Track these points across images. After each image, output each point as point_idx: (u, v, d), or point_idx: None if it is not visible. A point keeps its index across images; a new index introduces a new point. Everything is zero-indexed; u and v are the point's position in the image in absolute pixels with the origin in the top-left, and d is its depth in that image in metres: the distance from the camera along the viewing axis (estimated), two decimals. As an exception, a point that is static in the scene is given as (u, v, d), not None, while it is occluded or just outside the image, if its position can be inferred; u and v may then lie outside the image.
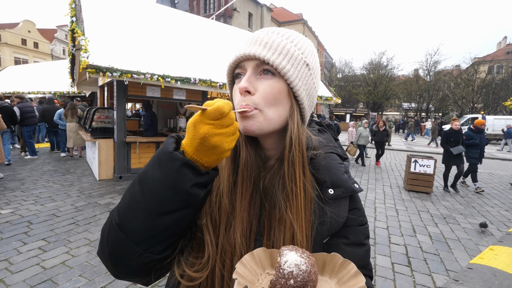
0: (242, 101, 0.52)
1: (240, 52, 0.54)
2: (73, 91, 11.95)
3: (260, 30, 0.57)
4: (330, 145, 0.63)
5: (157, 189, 0.43)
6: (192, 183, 0.43)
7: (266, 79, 0.53)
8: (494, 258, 3.15)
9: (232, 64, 0.56)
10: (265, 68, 0.53)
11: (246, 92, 0.52)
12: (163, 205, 0.43)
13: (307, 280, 0.40)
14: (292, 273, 0.39)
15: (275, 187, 0.55)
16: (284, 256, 0.41)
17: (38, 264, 2.68)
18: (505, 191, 6.55)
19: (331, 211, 0.55)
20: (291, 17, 39.07)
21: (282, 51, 0.52)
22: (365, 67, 33.32)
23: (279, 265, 0.41)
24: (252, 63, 0.53)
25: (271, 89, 0.52)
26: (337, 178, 0.57)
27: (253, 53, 0.51)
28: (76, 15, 5.37)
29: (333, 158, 0.61)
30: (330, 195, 0.55)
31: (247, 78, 0.52)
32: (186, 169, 0.43)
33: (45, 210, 4.05)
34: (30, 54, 37.06)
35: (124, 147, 5.87)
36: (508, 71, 27.94)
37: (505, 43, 42.56)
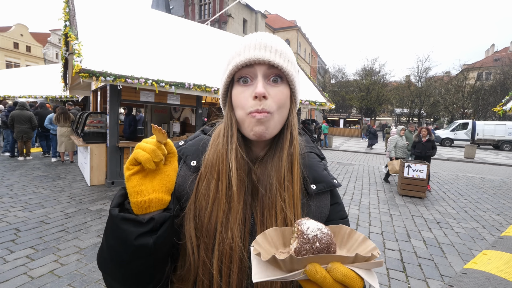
0: (257, 105, 0.54)
1: (251, 55, 0.54)
2: (65, 96, 11.79)
3: (259, 35, 0.58)
4: (309, 145, 0.69)
5: (112, 243, 0.47)
6: (135, 236, 0.45)
7: (276, 86, 0.56)
8: (488, 263, 3.17)
9: (239, 66, 0.55)
10: (275, 74, 0.56)
11: (263, 97, 0.54)
12: (120, 257, 0.47)
13: (330, 242, 0.41)
14: (317, 236, 0.40)
15: (269, 178, 0.58)
16: (304, 225, 0.42)
17: (25, 273, 2.59)
18: (496, 196, 6.64)
19: (314, 206, 0.61)
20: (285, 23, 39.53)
21: (289, 59, 0.58)
22: (358, 73, 33.78)
23: (301, 232, 0.41)
24: (262, 68, 0.55)
25: (281, 95, 0.57)
26: (318, 174, 0.63)
27: (268, 59, 0.54)
28: (70, 19, 5.33)
29: (312, 157, 0.67)
30: (313, 190, 0.61)
31: (262, 84, 0.54)
32: (125, 224, 0.45)
33: (33, 217, 3.94)
34: (22, 57, 36.55)
35: (117, 152, 5.79)
36: (496, 77, 28.66)
37: (493, 51, 43.76)
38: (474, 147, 14.35)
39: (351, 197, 5.88)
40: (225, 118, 0.62)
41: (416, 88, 31.23)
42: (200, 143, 0.65)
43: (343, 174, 8.51)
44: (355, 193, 6.27)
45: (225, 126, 0.60)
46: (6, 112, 8.41)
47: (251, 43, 0.56)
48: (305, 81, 10.68)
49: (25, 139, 7.73)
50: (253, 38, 0.58)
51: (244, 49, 0.56)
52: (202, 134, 0.69)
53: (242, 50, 0.56)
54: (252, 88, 0.56)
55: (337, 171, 9.00)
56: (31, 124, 7.73)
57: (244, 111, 0.56)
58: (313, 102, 9.32)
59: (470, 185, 7.79)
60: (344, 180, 7.62)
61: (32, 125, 7.75)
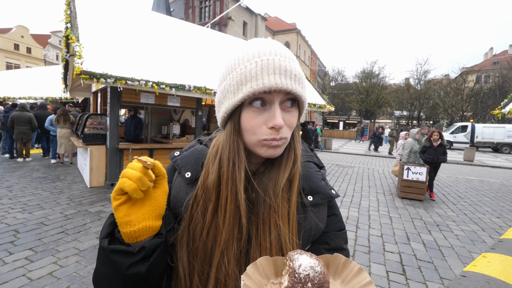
0: (274, 135, 0.52)
1: (272, 83, 0.50)
2: (65, 97, 11.80)
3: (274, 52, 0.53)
4: (307, 154, 0.67)
5: (104, 271, 0.47)
6: (126, 266, 0.45)
7: (291, 111, 0.55)
8: (487, 266, 3.17)
9: (256, 92, 0.51)
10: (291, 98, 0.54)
11: (280, 128, 0.52)
12: (114, 284, 0.47)
13: (323, 281, 0.39)
14: (309, 276, 0.39)
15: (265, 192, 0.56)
16: (296, 261, 0.40)
17: (24, 275, 2.58)
18: (495, 198, 6.65)
19: (311, 218, 0.59)
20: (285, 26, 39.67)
21: (304, 83, 0.56)
22: (358, 75, 33.84)
23: (293, 270, 0.40)
24: (280, 96, 0.52)
25: (295, 120, 0.56)
26: (315, 185, 0.61)
27: (290, 88, 0.51)
28: (71, 21, 5.35)
29: (310, 166, 0.65)
30: (309, 201, 0.59)
31: (280, 114, 0.52)
32: (116, 256, 0.45)
33: (33, 218, 3.93)
34: (22, 59, 36.60)
35: (116, 154, 5.79)
36: (495, 80, 28.75)
37: (492, 54, 43.96)
38: (473, 150, 14.37)
39: (351, 200, 5.88)
40: (229, 140, 0.56)
41: (415, 90, 31.31)
42: (195, 153, 0.63)
43: (343, 176, 8.51)
44: (354, 195, 6.27)
45: (231, 151, 0.55)
46: (4, 113, 8.40)
47: (269, 65, 0.51)
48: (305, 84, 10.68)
49: (25, 141, 7.72)
50: (269, 56, 0.52)
51: (262, 72, 0.50)
52: (198, 144, 0.66)
53: (260, 73, 0.50)
54: (266, 114, 0.52)
55: (336, 173, 9.00)
56: (31, 126, 7.73)
57: (256, 137, 0.53)
58: (312, 105, 9.34)
59: (470, 187, 7.80)
60: (344, 182, 7.62)
61: (32, 126, 7.75)
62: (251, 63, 0.51)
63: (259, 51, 0.52)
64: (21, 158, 7.91)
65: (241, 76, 0.52)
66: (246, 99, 0.52)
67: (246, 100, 0.53)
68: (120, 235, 0.47)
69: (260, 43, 0.55)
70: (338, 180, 7.91)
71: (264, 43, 0.55)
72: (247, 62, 0.52)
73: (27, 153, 7.97)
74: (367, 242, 3.80)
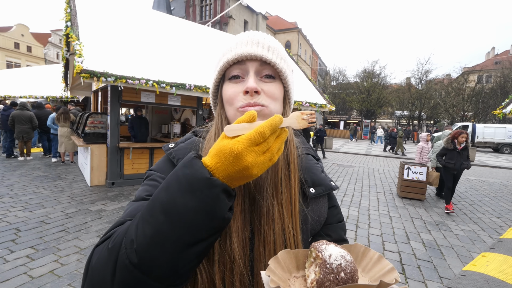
0: (249, 99, 0.52)
1: (243, 50, 0.53)
2: (66, 96, 11.82)
3: (251, 32, 0.58)
4: (305, 146, 0.67)
5: (191, 217, 0.39)
6: (227, 208, 0.41)
7: (268, 82, 0.55)
8: (486, 265, 3.18)
9: (230, 62, 0.54)
10: (267, 74, 0.55)
11: (255, 93, 0.52)
12: (197, 234, 0.39)
13: (354, 270, 0.38)
14: (341, 265, 0.37)
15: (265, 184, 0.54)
16: (325, 251, 0.39)
17: (25, 273, 2.60)
18: (495, 198, 6.65)
19: (312, 210, 0.59)
20: (286, 25, 39.61)
21: (282, 56, 0.56)
22: (359, 75, 33.84)
23: (323, 261, 0.38)
24: (255, 64, 0.54)
25: (274, 90, 0.55)
26: (317, 177, 0.62)
27: (260, 54, 0.53)
28: (71, 20, 5.36)
29: (309, 158, 0.65)
30: (312, 193, 0.59)
31: (254, 79, 0.53)
32: (224, 195, 0.40)
33: (34, 217, 3.95)
34: (23, 58, 36.64)
35: (117, 153, 5.80)
36: (496, 80, 28.69)
37: (493, 54, 43.86)
38: (474, 150, 14.36)
39: (351, 199, 5.89)
40: (216, 117, 0.59)
41: (416, 90, 31.27)
42: (192, 145, 0.62)
43: (343, 176, 8.52)
44: (355, 195, 6.27)
45: (216, 126, 0.58)
46: (2, 112, 8.39)
47: (243, 39, 0.55)
48: (306, 83, 10.70)
49: (25, 139, 7.74)
50: (245, 35, 0.57)
51: (236, 46, 0.55)
52: (194, 136, 0.66)
53: (234, 47, 0.55)
54: (243, 84, 0.54)
55: (337, 172, 9.00)
56: (32, 124, 7.75)
57: (234, 106, 0.54)
58: (313, 104, 9.34)
59: (470, 187, 7.80)
60: (344, 182, 7.63)
61: (32, 125, 7.77)
62: (230, 42, 0.57)
63: (241, 35, 0.58)
64: (22, 157, 7.93)
65: (220, 54, 0.57)
66: (226, 74, 0.56)
67: (226, 76, 0.57)
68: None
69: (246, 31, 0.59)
70: (338, 179, 7.92)
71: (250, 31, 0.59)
72: (228, 43, 0.57)
73: (28, 152, 7.99)
74: (367, 241, 3.81)
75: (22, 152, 7.92)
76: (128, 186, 5.87)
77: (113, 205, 4.61)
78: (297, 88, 9.62)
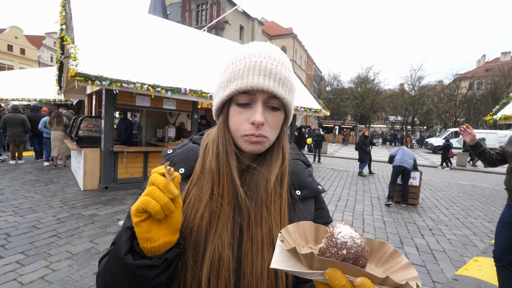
0: (254, 130, 0.55)
1: (255, 83, 0.54)
2: (59, 99, 11.70)
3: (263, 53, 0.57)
4: (295, 152, 0.71)
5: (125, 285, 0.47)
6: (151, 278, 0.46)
7: (274, 112, 0.58)
8: (478, 269, 3.21)
9: (240, 90, 0.55)
10: (274, 106, 0.57)
11: (261, 125, 0.55)
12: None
13: (359, 254, 0.38)
14: (346, 243, 0.38)
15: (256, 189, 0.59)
16: (337, 228, 0.40)
17: (15, 279, 2.54)
18: (487, 203, 6.74)
19: (300, 212, 0.62)
20: (281, 31, 40.02)
21: (290, 87, 0.58)
22: (353, 80, 34.27)
23: (332, 234, 0.39)
24: (264, 96, 0.56)
25: (277, 121, 0.59)
26: (303, 180, 0.65)
27: (272, 90, 0.54)
28: (66, 23, 5.34)
29: (298, 163, 0.69)
30: (298, 195, 0.63)
31: (261, 112, 0.55)
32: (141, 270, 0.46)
33: (25, 221, 3.87)
34: (16, 60, 36.22)
35: (111, 157, 5.75)
36: (487, 87, 29.32)
37: (484, 61, 44.85)
38: (466, 155, 14.58)
39: (345, 204, 5.92)
40: (220, 131, 0.61)
41: (409, 96, 31.76)
42: (188, 151, 0.65)
43: (338, 180, 8.56)
44: (349, 199, 6.30)
45: (222, 140, 0.60)
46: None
47: (255, 65, 0.55)
48: (301, 88, 10.79)
49: (17, 143, 7.63)
50: (258, 58, 0.56)
51: (248, 72, 0.55)
52: (191, 143, 0.69)
53: (246, 73, 0.55)
54: (250, 112, 0.56)
55: (331, 177, 9.04)
56: (24, 128, 7.64)
57: (239, 132, 0.57)
58: (308, 109, 9.41)
59: (462, 192, 7.90)
60: (339, 186, 7.66)
61: (25, 128, 7.66)
62: (241, 63, 0.56)
63: (250, 53, 0.57)
64: (14, 160, 7.80)
65: (231, 74, 0.57)
66: (233, 96, 0.57)
67: (233, 98, 0.58)
68: (140, 249, 0.48)
69: (256, 46, 0.59)
70: (333, 184, 7.95)
71: (259, 46, 0.59)
72: (238, 62, 0.57)
73: (19, 155, 7.86)
74: (361, 246, 3.81)
75: (13, 155, 7.79)
76: (121, 191, 5.81)
77: (106, 210, 4.56)
78: (292, 93, 9.67)
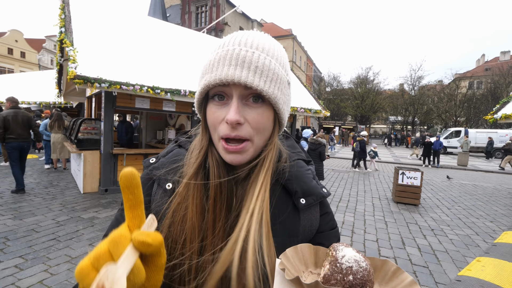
0: (230, 132, 0.47)
1: (223, 75, 0.46)
2: (59, 102, 11.71)
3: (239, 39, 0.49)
4: (295, 151, 0.63)
5: None
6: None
7: (255, 107, 0.49)
8: (481, 270, 3.18)
9: (210, 85, 0.48)
10: (255, 94, 0.48)
11: (237, 124, 0.47)
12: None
13: (366, 279, 0.36)
14: (352, 268, 0.36)
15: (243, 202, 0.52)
16: (340, 251, 0.38)
17: (13, 284, 2.52)
18: (489, 203, 6.71)
19: (304, 220, 0.56)
20: (280, 32, 40.06)
21: (273, 77, 0.48)
22: (353, 81, 34.25)
23: (335, 259, 0.37)
24: (238, 88, 0.47)
25: (261, 118, 0.49)
26: (307, 186, 0.57)
27: (244, 81, 0.45)
28: (66, 25, 5.34)
29: (300, 165, 0.60)
30: (303, 205, 0.55)
31: (236, 109, 0.46)
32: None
33: (24, 225, 3.85)
34: (16, 63, 36.32)
35: (111, 159, 5.73)
36: (487, 86, 29.32)
37: (484, 61, 44.84)
38: (467, 155, 14.55)
39: (347, 204, 5.89)
40: (200, 133, 0.56)
41: (409, 96, 31.73)
42: (177, 158, 0.57)
43: (338, 181, 8.53)
44: (350, 200, 6.28)
45: (200, 144, 0.54)
46: None
47: (226, 56, 0.47)
48: (301, 89, 10.78)
49: None
50: (231, 47, 0.48)
51: (218, 63, 0.47)
52: (177, 147, 0.61)
53: (216, 64, 0.47)
54: (226, 109, 0.48)
55: (332, 178, 9.02)
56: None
57: (217, 133, 0.50)
58: (308, 110, 9.40)
59: (463, 192, 7.87)
60: (340, 187, 7.64)
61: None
62: (213, 54, 0.50)
63: (225, 41, 0.50)
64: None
65: (203, 68, 0.50)
66: (209, 92, 0.50)
67: (209, 94, 0.50)
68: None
69: (235, 34, 0.51)
70: (334, 185, 7.92)
71: (239, 33, 0.51)
72: (210, 54, 0.50)
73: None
74: (363, 247, 3.79)
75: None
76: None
77: (105, 213, 4.53)
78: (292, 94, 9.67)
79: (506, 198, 7.38)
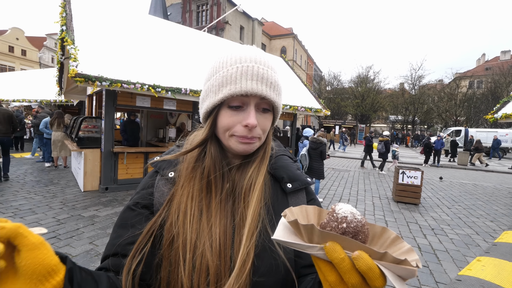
0: (246, 133, 0.58)
1: (249, 88, 0.56)
2: (60, 100, 11.71)
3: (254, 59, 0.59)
4: (281, 149, 0.75)
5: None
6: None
7: (265, 115, 0.61)
8: (482, 269, 3.19)
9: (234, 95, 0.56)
10: (266, 105, 0.60)
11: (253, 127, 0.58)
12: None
13: (359, 229, 0.38)
14: (346, 218, 0.38)
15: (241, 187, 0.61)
16: (338, 205, 0.41)
17: (14, 282, 2.52)
18: (489, 202, 6.71)
19: (292, 204, 0.65)
20: (281, 31, 39.98)
21: (279, 90, 0.62)
22: (353, 80, 34.15)
23: (333, 210, 0.40)
24: (256, 99, 0.58)
25: (267, 122, 0.62)
26: (292, 173, 0.68)
27: (265, 94, 0.57)
28: (67, 24, 5.33)
29: (285, 159, 0.72)
30: (289, 188, 0.65)
31: (254, 116, 0.57)
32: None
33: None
34: (17, 61, 36.30)
35: (111, 158, 5.73)
36: (487, 86, 29.26)
37: (484, 60, 44.76)
38: (467, 154, 14.54)
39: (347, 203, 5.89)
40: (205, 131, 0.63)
41: (410, 95, 31.67)
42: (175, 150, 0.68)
43: (339, 180, 8.53)
44: (350, 199, 6.28)
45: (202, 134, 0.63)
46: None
47: (248, 71, 0.56)
48: (301, 88, 10.77)
49: None
50: (249, 63, 0.57)
51: (241, 77, 0.56)
52: (177, 148, 0.71)
53: (239, 78, 0.56)
54: (242, 115, 0.58)
55: (332, 177, 9.02)
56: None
57: (230, 132, 0.59)
58: (308, 109, 9.39)
59: (464, 191, 7.87)
60: (340, 186, 7.64)
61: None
62: (233, 68, 0.57)
63: (241, 57, 0.58)
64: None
65: (222, 78, 0.58)
66: (225, 100, 0.58)
67: (225, 101, 0.59)
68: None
69: (243, 50, 0.60)
70: (334, 184, 7.93)
71: (246, 50, 0.60)
72: (229, 67, 0.58)
73: None
74: (363, 246, 3.79)
75: None
76: (122, 191, 5.79)
77: (106, 211, 4.54)
78: (293, 93, 9.67)
79: (507, 197, 7.38)
